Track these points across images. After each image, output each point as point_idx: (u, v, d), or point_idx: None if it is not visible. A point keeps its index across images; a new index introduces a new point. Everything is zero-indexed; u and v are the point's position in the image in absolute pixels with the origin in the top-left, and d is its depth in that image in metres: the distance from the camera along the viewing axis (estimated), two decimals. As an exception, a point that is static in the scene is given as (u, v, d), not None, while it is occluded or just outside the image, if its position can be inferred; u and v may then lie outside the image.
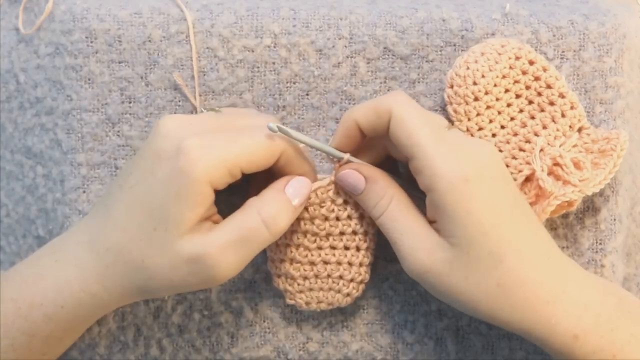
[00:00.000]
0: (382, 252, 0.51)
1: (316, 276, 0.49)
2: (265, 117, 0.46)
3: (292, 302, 0.50)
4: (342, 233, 0.49)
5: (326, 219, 0.48)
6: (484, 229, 0.42)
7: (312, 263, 0.49)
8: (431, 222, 0.44)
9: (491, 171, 0.43)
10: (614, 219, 0.51)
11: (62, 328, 0.46)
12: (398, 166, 0.50)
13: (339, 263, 0.49)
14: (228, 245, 0.43)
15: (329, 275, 0.49)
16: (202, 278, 0.43)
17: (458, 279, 0.43)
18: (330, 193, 0.48)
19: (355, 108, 0.46)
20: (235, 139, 0.43)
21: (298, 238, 0.49)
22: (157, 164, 0.42)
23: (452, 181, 0.42)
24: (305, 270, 0.49)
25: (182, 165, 0.41)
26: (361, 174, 0.46)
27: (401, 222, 0.45)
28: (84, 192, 0.51)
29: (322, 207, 0.48)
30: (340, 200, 0.48)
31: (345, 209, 0.48)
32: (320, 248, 0.49)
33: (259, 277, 0.52)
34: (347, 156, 0.47)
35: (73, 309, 0.45)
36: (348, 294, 0.50)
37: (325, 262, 0.49)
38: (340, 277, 0.49)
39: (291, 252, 0.49)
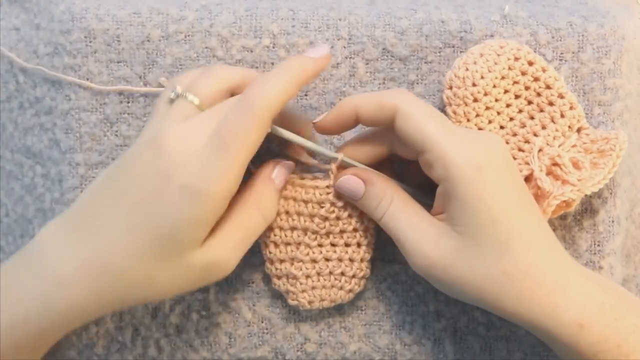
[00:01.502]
0: (381, 253, 0.51)
1: (318, 274, 0.49)
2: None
3: (294, 302, 0.50)
4: (342, 231, 0.48)
5: (326, 219, 0.48)
6: (493, 216, 0.42)
7: (314, 261, 0.49)
8: (437, 215, 0.44)
9: (501, 160, 0.43)
10: (612, 221, 0.51)
11: (50, 339, 0.45)
12: (395, 168, 0.50)
13: (340, 260, 0.49)
14: (235, 246, 0.44)
15: (330, 272, 0.49)
16: (212, 279, 0.45)
17: (464, 269, 0.43)
18: (330, 196, 0.48)
19: (357, 97, 0.46)
20: (239, 147, 0.41)
21: (298, 236, 0.48)
22: (163, 186, 0.41)
23: (465, 169, 0.42)
24: (307, 268, 0.49)
25: (199, 190, 0.41)
26: (359, 178, 0.46)
27: (404, 219, 0.45)
28: (82, 192, 0.51)
29: (321, 207, 0.48)
30: (340, 203, 0.48)
31: (346, 209, 0.48)
32: (321, 245, 0.49)
33: (257, 278, 0.52)
34: (340, 156, 0.47)
35: (62, 324, 0.44)
36: (350, 290, 0.50)
37: (327, 259, 0.49)
38: (342, 273, 0.49)
39: (292, 251, 0.49)
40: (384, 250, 0.50)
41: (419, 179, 0.46)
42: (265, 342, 0.52)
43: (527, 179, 0.48)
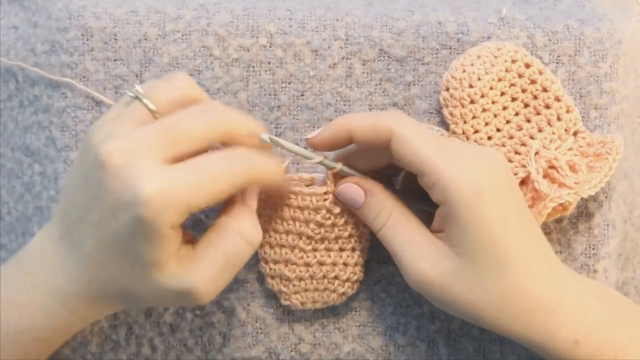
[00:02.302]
0: (375, 254, 0.51)
1: (311, 277, 0.49)
2: (210, 118, 0.42)
3: (287, 302, 0.50)
4: (337, 237, 0.48)
5: (322, 225, 0.48)
6: (493, 240, 0.42)
7: (308, 264, 0.49)
8: (435, 232, 0.44)
9: (502, 181, 0.43)
10: (607, 225, 0.51)
11: (53, 345, 0.47)
12: (392, 178, 0.50)
13: (334, 264, 0.49)
14: (215, 275, 0.43)
15: (324, 276, 0.49)
16: (190, 304, 0.45)
17: (461, 289, 0.43)
18: (327, 203, 0.47)
19: (352, 118, 0.45)
20: (196, 183, 0.40)
21: (293, 239, 0.48)
22: (118, 210, 0.40)
23: (465, 195, 0.41)
24: (300, 271, 0.49)
25: (144, 216, 0.39)
26: (360, 188, 0.46)
27: (402, 233, 0.45)
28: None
29: (317, 213, 0.48)
30: (337, 210, 0.47)
31: (342, 216, 0.48)
32: (315, 250, 0.49)
33: (252, 278, 0.52)
34: (339, 166, 0.47)
35: (65, 329, 0.46)
36: (343, 293, 0.49)
37: (321, 264, 0.49)
38: (336, 277, 0.49)
39: (286, 253, 0.49)
40: (379, 251, 0.50)
41: (419, 187, 0.46)
42: (259, 342, 0.52)
43: (524, 181, 0.48)
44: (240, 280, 0.52)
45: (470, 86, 0.48)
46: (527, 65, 0.49)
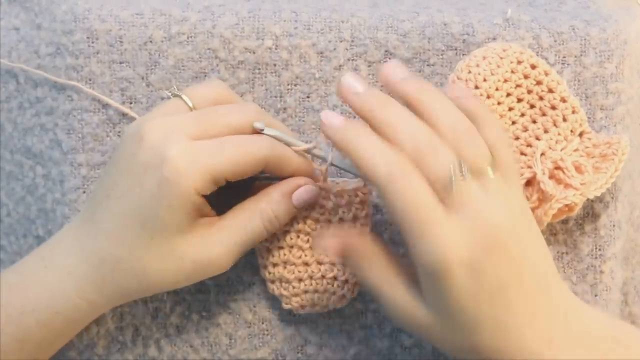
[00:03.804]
0: (381, 255, 0.51)
1: (310, 277, 0.49)
2: (244, 112, 0.46)
3: (288, 306, 0.50)
4: None
5: (317, 220, 0.48)
6: (461, 309, 0.40)
7: (306, 264, 0.49)
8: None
9: (487, 245, 0.39)
10: (614, 225, 0.51)
11: (55, 333, 0.47)
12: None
13: (332, 264, 0.49)
14: (232, 247, 0.45)
15: (323, 276, 0.49)
16: (205, 274, 0.46)
17: (436, 338, 0.43)
18: (319, 197, 0.48)
19: (355, 142, 0.42)
20: (220, 150, 0.43)
21: (291, 238, 0.49)
22: (144, 175, 0.43)
23: (431, 272, 0.40)
24: (299, 271, 0.49)
25: (168, 176, 0.42)
26: (339, 245, 0.45)
27: (382, 283, 0.43)
28: (84, 192, 0.51)
29: (312, 208, 0.48)
30: (330, 204, 0.48)
31: (337, 214, 0.48)
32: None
33: (258, 279, 0.52)
34: (329, 160, 0.46)
35: (69, 315, 0.46)
36: (343, 296, 0.49)
37: (319, 263, 0.49)
38: (335, 278, 0.49)
39: (284, 254, 0.49)
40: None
41: None
42: (266, 343, 0.52)
43: (530, 182, 0.48)
44: (246, 282, 0.52)
45: (476, 87, 0.48)
46: (533, 66, 0.49)
